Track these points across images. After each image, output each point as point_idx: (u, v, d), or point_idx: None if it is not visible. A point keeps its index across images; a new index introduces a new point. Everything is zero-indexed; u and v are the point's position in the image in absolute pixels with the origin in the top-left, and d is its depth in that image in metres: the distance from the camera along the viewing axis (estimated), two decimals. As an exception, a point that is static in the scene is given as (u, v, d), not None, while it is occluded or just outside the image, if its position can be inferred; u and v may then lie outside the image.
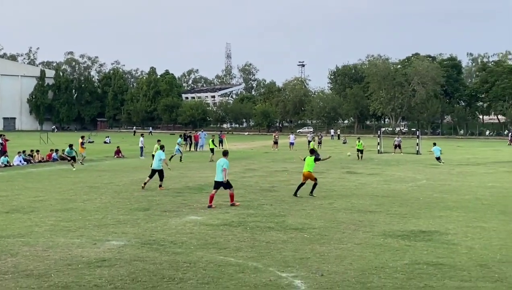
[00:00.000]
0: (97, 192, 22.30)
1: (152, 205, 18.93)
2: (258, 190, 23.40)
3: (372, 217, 17.00)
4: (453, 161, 40.97)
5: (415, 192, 23.01)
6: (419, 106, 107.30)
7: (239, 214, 17.15)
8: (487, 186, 25.46)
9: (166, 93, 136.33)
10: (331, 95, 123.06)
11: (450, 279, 10.39)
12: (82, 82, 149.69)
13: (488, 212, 18.08)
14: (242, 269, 10.97)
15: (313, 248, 12.76)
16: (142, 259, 11.61)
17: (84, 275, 10.47)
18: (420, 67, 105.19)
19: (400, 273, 10.77)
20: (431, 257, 12.03)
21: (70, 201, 19.82)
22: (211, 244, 13.09)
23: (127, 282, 10.06)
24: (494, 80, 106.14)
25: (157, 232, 14.42)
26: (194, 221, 15.99)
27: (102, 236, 13.93)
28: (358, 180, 27.45)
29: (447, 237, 14.15)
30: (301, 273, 10.73)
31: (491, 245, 13.24)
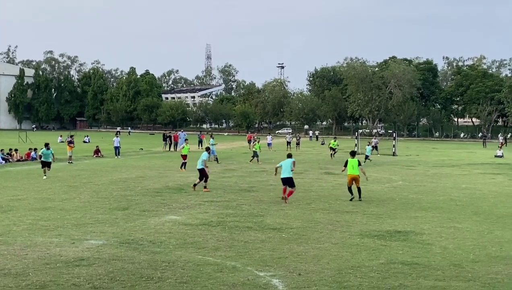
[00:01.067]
0: (76, 191, 22.11)
1: (131, 204, 18.83)
2: (237, 190, 23.38)
3: (349, 217, 17.08)
4: (429, 163, 41.33)
5: (391, 193, 23.17)
6: (395, 108, 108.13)
7: (218, 214, 17.13)
8: (461, 187, 25.73)
9: (146, 93, 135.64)
10: (310, 96, 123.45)
11: (425, 278, 10.49)
12: (62, 81, 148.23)
13: (462, 213, 18.26)
14: (220, 268, 10.96)
15: (291, 248, 12.79)
16: (121, 259, 11.54)
17: (62, 274, 10.37)
18: (397, 70, 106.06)
19: (376, 272, 10.84)
20: (406, 256, 12.13)
21: (49, 200, 19.62)
22: (189, 244, 13.06)
23: (105, 281, 9.99)
24: (468, 84, 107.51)
25: (136, 232, 14.35)
26: (173, 221, 15.94)
27: (81, 235, 13.81)
28: (336, 181, 27.55)
29: (422, 237, 14.28)
30: (279, 272, 10.74)
31: (464, 245, 13.38)
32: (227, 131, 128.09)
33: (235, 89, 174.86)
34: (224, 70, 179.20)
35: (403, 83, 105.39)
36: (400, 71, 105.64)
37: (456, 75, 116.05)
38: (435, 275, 10.69)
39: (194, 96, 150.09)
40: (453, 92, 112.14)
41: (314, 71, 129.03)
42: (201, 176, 23.03)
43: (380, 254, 12.36)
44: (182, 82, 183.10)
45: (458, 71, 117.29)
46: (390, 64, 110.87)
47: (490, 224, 16.17)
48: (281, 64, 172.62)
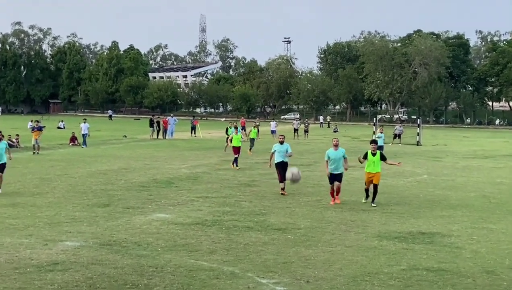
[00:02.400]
0: (49, 185, 22.20)
1: (113, 200, 18.89)
2: (236, 184, 23.46)
3: (365, 216, 17.14)
4: (458, 154, 41.42)
5: (414, 189, 23.24)
6: (420, 90, 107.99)
7: (214, 212, 17.19)
8: (496, 182, 25.80)
9: (130, 72, 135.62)
10: (321, 76, 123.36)
11: (453, 287, 10.54)
12: (32, 57, 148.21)
13: (496, 211, 18.31)
14: (216, 274, 11.01)
15: (298, 251, 12.84)
16: (101, 263, 11.60)
17: (34, 280, 10.44)
18: (422, 46, 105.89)
19: (397, 279, 10.89)
20: (431, 262, 12.17)
21: (18, 195, 19.71)
22: (181, 246, 13.11)
23: (83, 288, 10.06)
24: (506, 62, 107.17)
25: (119, 232, 14.40)
26: (161, 219, 15.99)
27: (55, 235, 13.87)
28: (351, 174, 27.50)
29: (450, 239, 14.32)
30: (283, 279, 10.79)
31: (499, 249, 13.43)
32: (224, 116, 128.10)
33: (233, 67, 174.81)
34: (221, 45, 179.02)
35: (430, 61, 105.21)
36: (426, 47, 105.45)
37: (491, 52, 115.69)
38: (465, 284, 10.74)
39: (186, 75, 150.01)
40: (487, 72, 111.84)
41: (326, 47, 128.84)
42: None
43: (402, 259, 12.40)
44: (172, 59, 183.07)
45: (494, 47, 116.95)
46: (415, 39, 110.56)
47: (529, 225, 16.24)
48: (288, 38, 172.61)
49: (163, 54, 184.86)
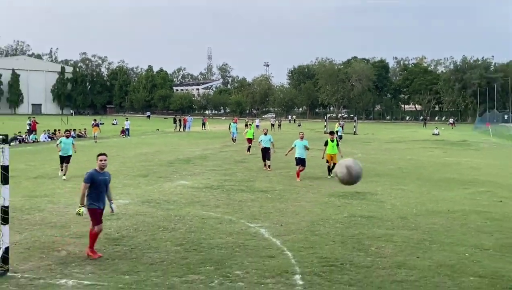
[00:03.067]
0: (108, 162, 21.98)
1: (150, 172, 18.80)
2: (232, 161, 23.38)
3: (319, 182, 17.16)
4: (382, 140, 41.47)
5: (352, 163, 23.23)
6: (356, 97, 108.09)
7: (218, 180, 17.13)
8: (407, 158, 25.88)
9: (160, 86, 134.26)
10: (289, 88, 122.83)
11: (378, 227, 10.59)
12: (94, 76, 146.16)
13: (407, 178, 18.39)
14: (220, 221, 10.99)
15: (275, 205, 12.85)
16: (142, 214, 11.55)
17: (97, 226, 10.36)
18: (357, 67, 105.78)
19: (341, 223, 10.93)
20: (364, 211, 12.23)
21: (86, 169, 19.22)
22: (196, 202, 13.08)
23: (130, 231, 10.01)
24: (413, 78, 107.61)
25: (154, 193, 14.34)
26: (183, 185, 15.93)
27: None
28: (310, 154, 27.47)
29: (376, 196, 14.39)
30: (265, 224, 10.80)
31: (409, 202, 13.50)
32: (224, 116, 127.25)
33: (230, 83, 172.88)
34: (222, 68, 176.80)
35: (362, 77, 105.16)
36: (360, 68, 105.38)
37: (403, 71, 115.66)
38: (386, 225, 10.80)
39: (198, 88, 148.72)
40: (401, 85, 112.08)
41: (292, 68, 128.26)
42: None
43: (344, 209, 12.45)
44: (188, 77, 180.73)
45: (405, 68, 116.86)
46: (352, 62, 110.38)
47: (429, 187, 16.31)
48: (267, 62, 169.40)
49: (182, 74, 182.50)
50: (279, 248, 8.93)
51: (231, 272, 7.60)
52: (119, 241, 9.23)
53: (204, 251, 8.68)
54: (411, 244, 9.28)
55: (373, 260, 8.29)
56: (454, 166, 22.63)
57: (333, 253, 8.63)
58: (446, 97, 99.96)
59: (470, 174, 19.52)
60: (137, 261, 8.06)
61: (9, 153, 7.58)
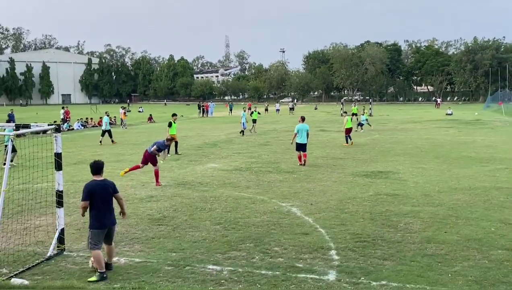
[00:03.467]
0: (139, 148, 22.18)
1: (181, 157, 18.95)
2: (257, 144, 23.44)
3: (342, 162, 17.14)
4: (397, 120, 41.06)
5: (371, 144, 23.14)
6: (370, 80, 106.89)
7: (245, 162, 17.22)
8: (424, 138, 25.63)
9: (182, 74, 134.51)
10: (305, 73, 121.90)
11: (404, 205, 10.59)
12: (119, 66, 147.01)
13: (426, 157, 18.26)
14: (253, 201, 11.11)
15: (302, 185, 12.90)
16: (180, 195, 11.73)
17: (139, 207, 10.58)
18: (370, 51, 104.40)
19: (368, 201, 10.96)
20: (388, 189, 12.22)
21: (120, 155, 19.80)
22: (228, 184, 13.20)
23: (171, 212, 10.19)
24: (425, 60, 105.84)
25: (187, 176, 14.50)
26: (213, 168, 16.07)
27: (148, 179, 13.97)
28: (329, 136, 27.53)
29: (398, 175, 14.34)
30: (296, 203, 10.88)
31: (431, 180, 13.44)
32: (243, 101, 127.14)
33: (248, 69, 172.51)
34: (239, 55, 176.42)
35: (376, 61, 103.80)
36: (373, 52, 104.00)
37: (416, 53, 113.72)
38: (412, 202, 10.79)
39: (217, 75, 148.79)
40: (413, 67, 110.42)
41: (307, 54, 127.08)
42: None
43: (369, 188, 12.45)
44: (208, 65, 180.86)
45: (417, 50, 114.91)
46: (366, 46, 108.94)
47: (448, 165, 16.19)
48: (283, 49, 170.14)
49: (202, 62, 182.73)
50: (312, 226, 9.01)
51: (270, 249, 7.71)
52: (161, 221, 9.41)
53: (242, 229, 8.81)
54: (437, 220, 9.28)
55: (403, 236, 8.32)
56: (470, 144, 22.36)
57: (364, 230, 8.68)
58: (457, 78, 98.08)
59: (487, 152, 19.28)
60: (181, 239, 8.23)
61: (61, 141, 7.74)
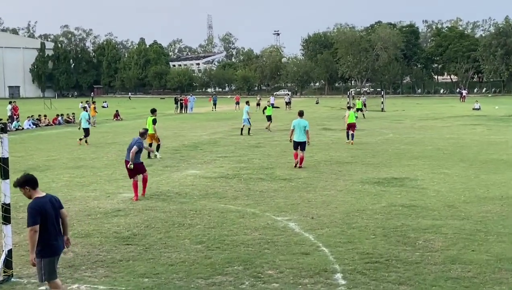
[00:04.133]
0: (103, 151, 22.20)
1: (154, 161, 18.90)
2: (246, 146, 23.46)
3: (349, 167, 17.21)
4: (414, 117, 41.37)
5: (384, 145, 23.27)
6: (382, 68, 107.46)
7: (233, 168, 17.23)
8: (446, 137, 25.84)
9: (155, 62, 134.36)
10: (304, 60, 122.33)
11: (423, 218, 10.65)
12: (79, 52, 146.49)
13: (449, 160, 18.40)
14: (242, 214, 11.11)
15: (301, 195, 12.93)
16: (153, 209, 11.69)
17: (103, 223, 10.53)
18: (382, 33, 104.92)
19: (380, 214, 11.00)
20: (404, 200, 12.28)
21: (80, 160, 19.71)
22: (211, 194, 13.19)
23: (142, 228, 10.15)
24: (447, 44, 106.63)
25: (162, 185, 14.48)
26: (194, 175, 16.05)
27: (114, 189, 13.95)
28: (333, 135, 27.64)
29: (416, 182, 14.43)
30: (294, 217, 10.90)
31: (455, 188, 13.53)
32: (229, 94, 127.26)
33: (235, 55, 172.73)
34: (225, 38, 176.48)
35: (388, 45, 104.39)
36: (385, 35, 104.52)
37: (436, 36, 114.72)
38: (432, 215, 10.86)
39: (198, 63, 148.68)
40: (433, 52, 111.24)
41: (307, 37, 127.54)
42: None
43: (381, 198, 12.51)
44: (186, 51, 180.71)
45: (438, 32, 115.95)
46: (376, 28, 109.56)
47: (475, 169, 16.32)
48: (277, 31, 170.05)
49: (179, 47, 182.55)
50: (313, 244, 9.03)
51: (262, 272, 7.72)
52: (131, 240, 9.38)
53: (228, 249, 8.80)
54: (463, 236, 9.35)
55: (422, 255, 8.37)
56: (501, 145, 22.58)
57: (375, 248, 8.71)
58: (486, 66, 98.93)
59: (522, 154, 19.50)
60: (154, 262, 8.21)
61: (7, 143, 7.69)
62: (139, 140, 13.04)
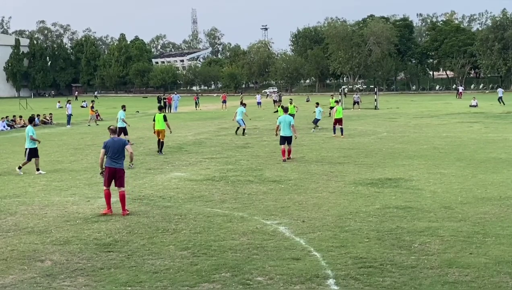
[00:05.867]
0: (82, 153, 22.12)
1: (136, 164, 18.72)
2: (234, 147, 23.48)
3: (341, 168, 17.28)
4: (409, 115, 41.59)
5: (377, 144, 23.38)
6: (375, 64, 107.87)
7: (220, 170, 17.23)
8: (442, 136, 26.02)
9: (137, 58, 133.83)
10: (293, 56, 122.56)
11: (419, 220, 10.72)
12: (56, 49, 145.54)
13: (445, 159, 18.54)
14: (229, 219, 11.11)
15: (292, 198, 12.97)
16: (136, 213, 11.65)
17: (83, 229, 10.48)
18: (375, 28, 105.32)
19: (373, 216, 11.06)
20: (399, 201, 12.36)
21: (58, 163, 19.62)
22: (197, 198, 13.19)
23: (124, 234, 10.11)
24: (443, 39, 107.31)
25: (145, 188, 14.44)
26: (178, 177, 16.03)
27: (94, 193, 13.88)
28: (325, 135, 27.71)
29: (411, 183, 14.52)
30: (284, 220, 10.92)
31: (452, 188, 13.64)
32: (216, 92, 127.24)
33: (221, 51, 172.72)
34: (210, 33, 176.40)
35: (381, 40, 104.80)
36: (378, 29, 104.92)
37: (431, 30, 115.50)
38: (428, 217, 10.93)
39: (183, 59, 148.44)
40: (428, 47, 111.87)
41: (296, 31, 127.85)
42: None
43: (375, 200, 12.57)
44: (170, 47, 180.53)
45: (433, 26, 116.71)
46: (369, 22, 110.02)
47: (473, 169, 16.45)
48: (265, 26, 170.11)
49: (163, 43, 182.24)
50: (304, 249, 9.06)
51: (251, 279, 7.73)
52: (112, 247, 9.34)
53: (215, 255, 8.80)
54: (460, 238, 9.42)
55: (418, 259, 8.42)
56: (500, 143, 22.79)
57: (369, 252, 8.76)
58: (483, 60, 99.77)
59: (521, 153, 19.68)
60: (137, 270, 8.18)
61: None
62: (120, 139, 12.94)
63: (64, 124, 37.51)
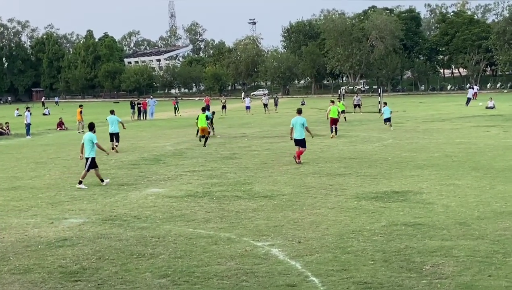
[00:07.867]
0: (45, 168, 21.99)
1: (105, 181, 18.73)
2: (219, 158, 23.46)
3: (342, 180, 17.30)
4: (418, 118, 41.87)
5: (382, 152, 23.46)
6: (378, 62, 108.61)
7: (203, 184, 17.21)
8: (455, 142, 26.17)
9: (106, 58, 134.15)
10: (286, 54, 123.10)
11: (431, 239, 10.73)
12: (13, 49, 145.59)
13: (459, 169, 18.61)
14: (214, 240, 11.07)
15: (286, 215, 12.95)
16: (106, 236, 11.59)
17: (46, 256, 10.40)
18: (378, 20, 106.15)
19: (379, 235, 11.06)
20: (408, 217, 12.38)
21: (17, 179, 19.49)
22: (177, 217, 13.14)
23: (93, 261, 10.04)
24: (454, 32, 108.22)
25: (118, 207, 14.37)
26: (155, 194, 15.98)
27: (58, 214, 13.79)
28: (323, 143, 27.79)
29: (421, 196, 14.55)
30: (277, 241, 10.90)
31: (467, 202, 13.68)
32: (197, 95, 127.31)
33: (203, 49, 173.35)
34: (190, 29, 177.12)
35: (385, 34, 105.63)
36: (381, 22, 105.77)
37: (441, 23, 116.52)
38: (441, 235, 10.95)
39: (159, 59, 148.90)
40: (438, 42, 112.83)
41: (289, 26, 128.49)
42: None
43: (381, 216, 12.59)
44: (145, 45, 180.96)
45: (443, 18, 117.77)
46: (370, 14, 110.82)
47: (491, 179, 16.53)
48: (253, 19, 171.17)
49: (136, 40, 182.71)
50: (300, 273, 9.05)
51: (240, 309, 7.70)
52: (80, 276, 9.27)
53: (199, 282, 8.77)
54: (478, 259, 9.45)
55: (430, 283, 8.44)
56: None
57: (374, 276, 8.76)
58: (500, 56, 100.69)
59: (545, 160, 19.84)
60: (109, 301, 8.13)
61: None
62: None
63: (23, 134, 37.30)
